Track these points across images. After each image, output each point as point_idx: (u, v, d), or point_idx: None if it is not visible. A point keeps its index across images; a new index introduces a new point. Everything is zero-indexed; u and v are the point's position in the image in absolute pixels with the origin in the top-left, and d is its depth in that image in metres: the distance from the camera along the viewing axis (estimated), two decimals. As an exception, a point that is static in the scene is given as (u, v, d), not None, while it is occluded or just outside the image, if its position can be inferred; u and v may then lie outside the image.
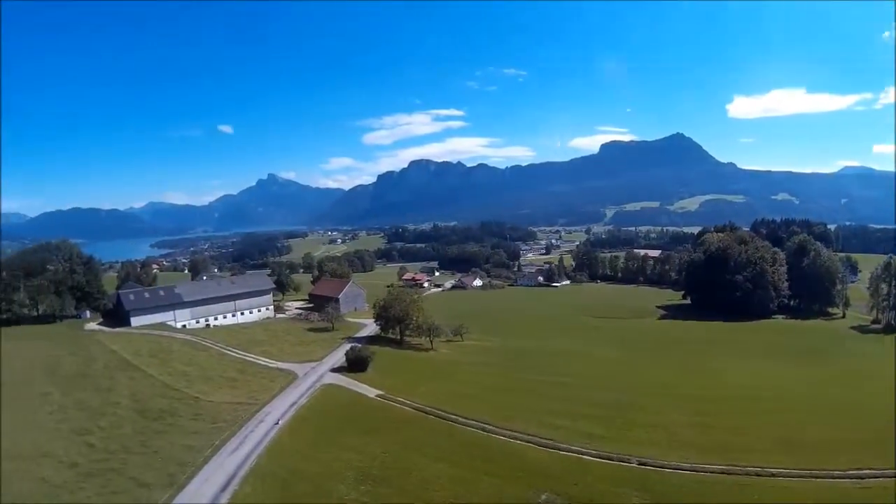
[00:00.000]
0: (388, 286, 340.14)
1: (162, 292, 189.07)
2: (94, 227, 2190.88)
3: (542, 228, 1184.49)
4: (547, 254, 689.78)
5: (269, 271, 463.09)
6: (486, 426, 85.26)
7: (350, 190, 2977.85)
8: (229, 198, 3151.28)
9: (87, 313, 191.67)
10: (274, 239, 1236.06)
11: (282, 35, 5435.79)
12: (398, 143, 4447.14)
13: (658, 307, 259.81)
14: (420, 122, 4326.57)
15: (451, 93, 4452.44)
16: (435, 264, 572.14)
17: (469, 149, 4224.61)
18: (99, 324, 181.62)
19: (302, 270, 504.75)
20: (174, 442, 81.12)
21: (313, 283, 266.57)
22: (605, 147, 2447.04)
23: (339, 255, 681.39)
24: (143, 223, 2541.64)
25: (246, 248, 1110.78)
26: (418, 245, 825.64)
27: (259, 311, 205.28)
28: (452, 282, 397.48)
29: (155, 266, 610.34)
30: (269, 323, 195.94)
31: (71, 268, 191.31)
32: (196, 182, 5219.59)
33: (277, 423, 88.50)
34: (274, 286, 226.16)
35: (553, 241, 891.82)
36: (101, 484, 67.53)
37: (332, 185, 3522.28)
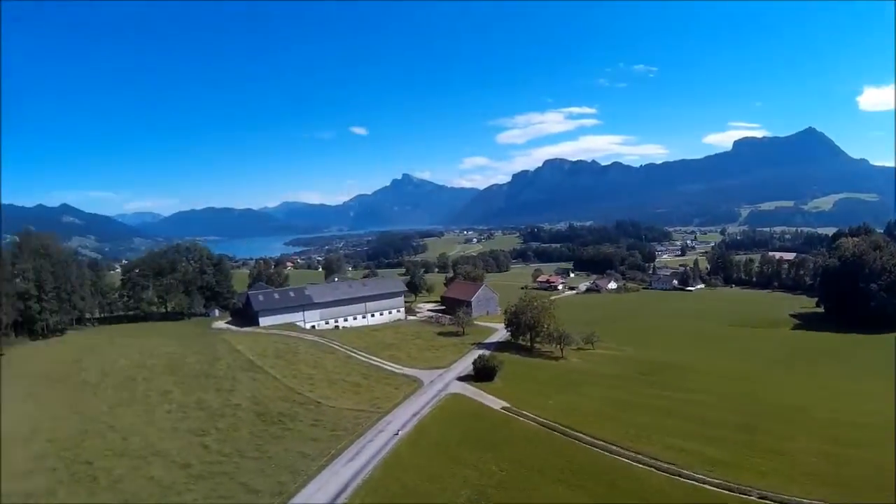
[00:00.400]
0: (522, 288, 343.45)
1: (292, 293, 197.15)
2: (228, 226, 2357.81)
3: (678, 228, 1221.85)
4: (682, 255, 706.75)
5: (403, 270, 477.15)
6: (611, 446, 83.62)
7: (485, 189, 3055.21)
8: (364, 197, 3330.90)
9: (216, 311, 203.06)
10: (409, 238, 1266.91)
11: (412, 36, 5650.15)
12: (532, 142, 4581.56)
13: (791, 315, 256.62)
14: (553, 121, 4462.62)
15: (582, 90, 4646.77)
16: (570, 265, 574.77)
17: (602, 147, 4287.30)
18: (227, 322, 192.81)
19: (437, 270, 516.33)
20: (290, 448, 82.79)
21: (446, 284, 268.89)
22: (738, 143, 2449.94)
23: (474, 254, 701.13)
24: (277, 222, 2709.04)
25: (381, 246, 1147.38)
26: (553, 245, 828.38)
27: (390, 313, 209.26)
28: (587, 284, 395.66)
29: (289, 263, 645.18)
30: (399, 325, 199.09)
31: (201, 268, 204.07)
32: (330, 182, 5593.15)
33: (397, 434, 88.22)
34: (406, 289, 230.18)
35: (688, 242, 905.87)
36: (211, 487, 70.07)
37: (466, 184, 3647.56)
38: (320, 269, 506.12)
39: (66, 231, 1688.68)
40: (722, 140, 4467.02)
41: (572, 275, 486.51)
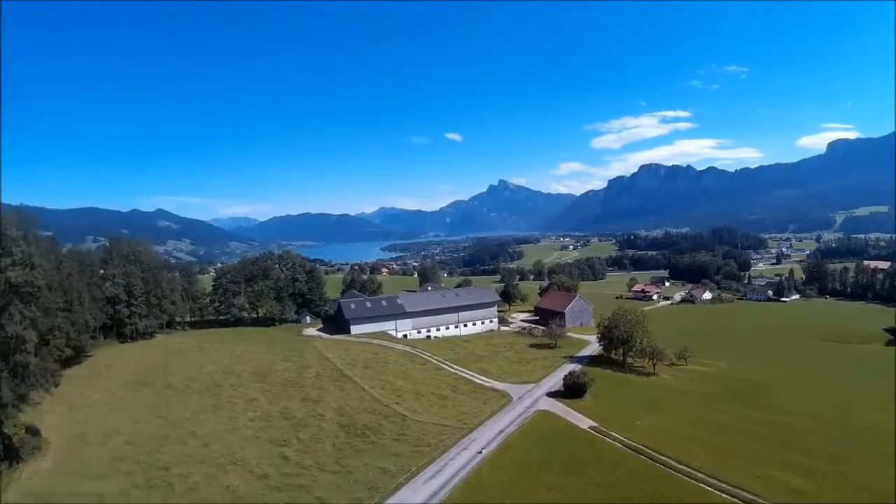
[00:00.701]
0: (617, 297, 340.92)
1: (384, 302, 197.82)
2: (324, 231, 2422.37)
3: (773, 235, 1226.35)
4: (777, 263, 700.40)
5: (498, 278, 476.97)
6: (696, 473, 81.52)
7: (581, 195, 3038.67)
8: (460, 203, 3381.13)
9: (308, 318, 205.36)
10: (505, 244, 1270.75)
11: (506, 40, 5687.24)
12: (627, 147, 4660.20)
13: (886, 329, 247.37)
14: (647, 125, 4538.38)
15: (675, 93, 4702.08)
16: (665, 273, 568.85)
17: (698, 151, 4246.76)
18: (318, 329, 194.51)
19: (532, 278, 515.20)
20: (370, 463, 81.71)
21: (541, 294, 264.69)
22: (831, 146, 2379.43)
23: (570, 261, 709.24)
24: (374, 227, 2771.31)
25: (477, 252, 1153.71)
26: (650, 253, 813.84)
27: (483, 323, 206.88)
28: (682, 294, 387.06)
29: (384, 269, 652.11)
30: (491, 336, 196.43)
31: (293, 275, 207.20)
32: (426, 188, 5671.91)
33: (480, 453, 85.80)
34: (499, 299, 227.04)
35: (783, 249, 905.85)
36: (286, 500, 69.90)
37: (562, 190, 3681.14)
38: (415, 276, 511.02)
39: (161, 235, 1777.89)
40: (815, 143, 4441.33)
41: (667, 283, 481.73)
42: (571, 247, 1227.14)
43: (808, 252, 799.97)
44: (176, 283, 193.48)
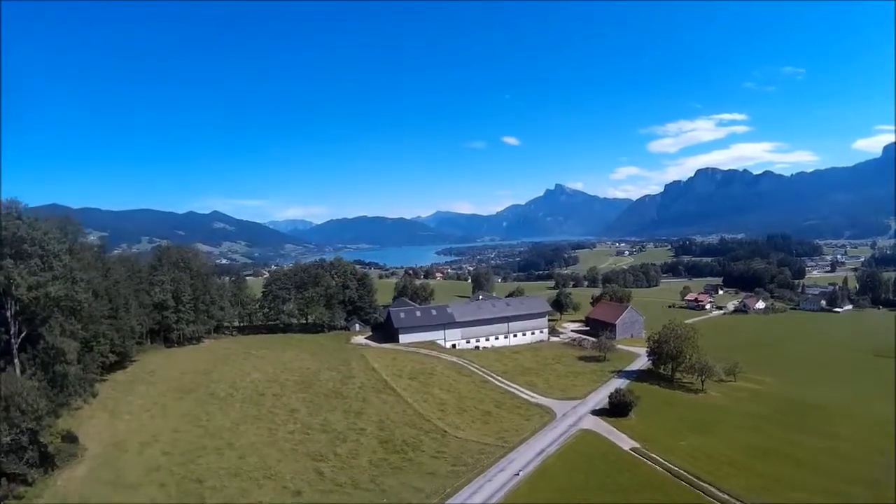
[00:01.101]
0: (670, 306, 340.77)
1: (434, 311, 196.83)
2: (380, 234, 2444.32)
3: (829, 241, 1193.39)
4: (832, 271, 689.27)
5: (552, 284, 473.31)
6: (735, 501, 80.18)
7: (637, 200, 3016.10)
8: (517, 207, 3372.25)
9: (357, 325, 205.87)
10: (561, 249, 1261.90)
11: (560, 42, 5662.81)
12: (683, 151, 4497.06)
13: None
14: (704, 128, 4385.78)
15: (731, 95, 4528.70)
16: (719, 281, 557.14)
17: (754, 154, 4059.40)
18: (367, 337, 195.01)
19: (586, 284, 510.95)
20: (406, 482, 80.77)
21: (593, 303, 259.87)
22: (886, 149, 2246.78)
23: (625, 267, 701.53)
24: (430, 231, 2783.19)
25: (532, 257, 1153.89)
26: (705, 259, 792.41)
27: (532, 333, 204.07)
28: (734, 303, 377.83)
29: (438, 274, 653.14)
30: (540, 347, 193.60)
31: (344, 282, 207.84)
32: (482, 192, 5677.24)
33: (518, 475, 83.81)
34: (550, 308, 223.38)
35: (838, 256, 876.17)
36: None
37: (619, 195, 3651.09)
38: (469, 281, 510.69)
39: (216, 236, 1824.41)
40: (871, 146, 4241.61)
41: (721, 291, 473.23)
42: (627, 252, 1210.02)
43: (862, 259, 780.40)
44: (225, 289, 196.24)
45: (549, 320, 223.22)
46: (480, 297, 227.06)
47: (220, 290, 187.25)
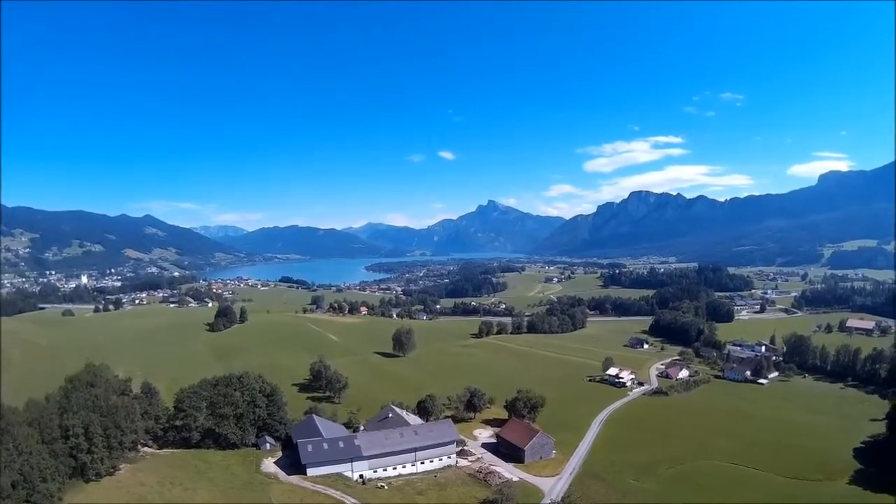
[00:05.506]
0: (590, 379, 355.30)
1: (341, 443, 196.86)
2: (311, 245, 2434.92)
3: (760, 269, 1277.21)
4: (761, 312, 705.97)
5: (480, 321, 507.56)
6: None
7: (570, 219, 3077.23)
8: (449, 222, 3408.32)
9: (268, 445, 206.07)
10: (490, 272, 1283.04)
11: (500, 59, 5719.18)
12: (618, 171, 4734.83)
13: (854, 453, 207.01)
14: (640, 150, 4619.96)
15: (670, 119, 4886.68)
16: (647, 326, 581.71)
17: (689, 177, 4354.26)
18: (277, 461, 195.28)
19: (510, 330, 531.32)
20: None
21: (507, 408, 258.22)
22: (823, 177, 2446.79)
23: (554, 298, 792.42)
24: (361, 243, 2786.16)
25: (461, 281, 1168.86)
26: (634, 296, 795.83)
27: (440, 459, 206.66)
28: (657, 370, 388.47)
29: (363, 308, 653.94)
30: (443, 477, 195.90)
31: (253, 400, 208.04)
32: (417, 204, 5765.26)
33: None
34: (459, 437, 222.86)
35: (769, 291, 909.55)
36: None
37: (552, 212, 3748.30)
38: (394, 316, 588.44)
39: (147, 242, 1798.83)
40: (807, 171, 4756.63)
41: (647, 346, 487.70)
42: (556, 279, 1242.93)
43: (794, 295, 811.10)
44: (134, 410, 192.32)
45: (465, 419, 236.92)
46: (390, 415, 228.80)
47: (130, 415, 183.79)
